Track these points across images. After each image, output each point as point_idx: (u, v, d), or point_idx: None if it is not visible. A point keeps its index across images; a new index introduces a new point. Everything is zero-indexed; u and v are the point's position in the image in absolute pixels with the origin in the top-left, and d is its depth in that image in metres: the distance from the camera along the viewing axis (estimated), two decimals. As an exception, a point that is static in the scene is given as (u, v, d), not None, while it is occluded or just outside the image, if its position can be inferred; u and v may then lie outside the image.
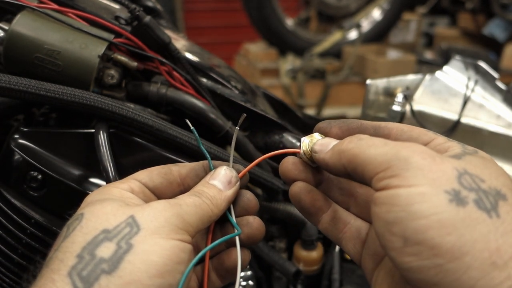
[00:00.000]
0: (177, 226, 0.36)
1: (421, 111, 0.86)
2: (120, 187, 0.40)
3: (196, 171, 0.45)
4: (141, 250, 0.33)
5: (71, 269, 0.31)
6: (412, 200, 0.30)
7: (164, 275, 0.33)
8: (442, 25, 4.36)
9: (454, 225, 0.29)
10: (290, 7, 3.70)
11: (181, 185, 0.44)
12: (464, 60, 0.90)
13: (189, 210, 0.38)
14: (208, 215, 0.40)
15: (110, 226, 0.34)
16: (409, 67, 2.90)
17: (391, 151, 0.33)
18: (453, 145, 0.36)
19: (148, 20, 0.58)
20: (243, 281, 0.67)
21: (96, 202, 0.37)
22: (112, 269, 0.31)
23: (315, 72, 2.98)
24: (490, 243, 0.29)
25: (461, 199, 0.30)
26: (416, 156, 0.32)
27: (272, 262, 0.68)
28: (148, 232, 0.34)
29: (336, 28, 3.37)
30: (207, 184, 0.43)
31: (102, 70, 0.57)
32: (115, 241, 0.33)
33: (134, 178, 0.42)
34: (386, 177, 0.33)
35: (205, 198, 0.40)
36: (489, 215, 0.30)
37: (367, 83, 0.84)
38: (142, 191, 0.41)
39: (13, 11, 0.56)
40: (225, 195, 0.42)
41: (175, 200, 0.38)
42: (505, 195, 0.31)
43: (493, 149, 0.80)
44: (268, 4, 3.00)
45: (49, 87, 0.50)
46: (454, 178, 0.31)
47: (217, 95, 0.67)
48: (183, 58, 0.63)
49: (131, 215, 0.35)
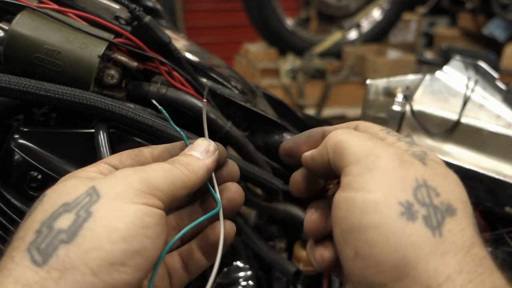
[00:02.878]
0: (141, 190, 0.34)
1: (421, 111, 0.86)
2: (87, 169, 0.38)
3: (170, 152, 0.43)
4: (101, 216, 0.31)
5: (30, 245, 0.30)
6: (366, 209, 0.31)
7: (128, 240, 0.31)
8: (442, 25, 4.36)
9: (399, 242, 0.30)
10: (290, 7, 3.69)
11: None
12: (464, 60, 0.90)
13: (156, 174, 0.35)
14: (181, 180, 0.37)
15: (70, 199, 0.32)
16: (409, 67, 2.90)
17: (369, 145, 0.34)
18: (401, 146, 0.36)
19: (148, 20, 0.58)
20: (243, 281, 0.67)
21: (60, 182, 0.36)
22: (71, 238, 0.30)
23: (315, 72, 2.97)
24: (429, 264, 0.29)
25: (412, 213, 0.30)
26: (387, 157, 0.33)
27: (272, 262, 0.68)
28: (109, 199, 0.32)
29: (336, 28, 3.37)
30: (183, 154, 0.41)
31: (102, 70, 0.57)
32: (74, 212, 0.31)
33: (103, 161, 0.40)
34: (351, 173, 0.33)
35: (178, 164, 0.38)
36: (433, 234, 0.30)
37: (367, 83, 0.84)
38: (110, 172, 0.39)
39: (13, 11, 0.56)
40: (204, 162, 0.40)
41: (141, 167, 0.36)
42: (455, 210, 0.32)
43: (493, 149, 0.80)
44: (268, 4, 2.99)
45: (49, 87, 0.50)
46: (411, 189, 0.32)
47: (217, 95, 0.67)
48: (183, 58, 0.63)
49: (92, 186, 0.33)
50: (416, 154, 0.35)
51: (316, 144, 0.41)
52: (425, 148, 0.37)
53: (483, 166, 0.79)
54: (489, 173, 0.71)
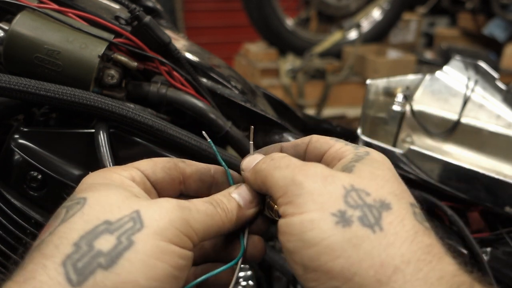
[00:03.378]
0: (182, 231, 0.34)
1: (421, 111, 0.86)
2: (121, 173, 0.37)
3: (201, 175, 0.43)
4: (141, 250, 0.31)
5: (66, 258, 0.29)
6: (304, 228, 0.32)
7: (161, 279, 0.31)
8: (442, 25, 4.36)
9: (341, 247, 0.31)
10: (290, 7, 3.69)
11: (182, 184, 0.42)
12: (464, 60, 0.90)
13: (198, 217, 0.35)
14: (217, 226, 0.37)
15: (113, 218, 0.32)
16: (409, 67, 2.90)
17: (290, 175, 0.35)
18: (347, 150, 0.39)
19: (148, 20, 0.58)
20: (243, 281, 0.67)
21: (100, 188, 0.35)
22: (110, 264, 0.29)
23: (315, 72, 2.97)
24: (374, 260, 0.30)
25: (346, 219, 0.32)
26: (309, 180, 0.34)
27: (272, 262, 0.68)
28: (151, 232, 0.32)
29: (336, 28, 3.37)
30: (228, 195, 0.40)
31: (102, 70, 0.57)
32: (116, 235, 0.31)
33: (136, 167, 0.39)
34: (284, 203, 0.35)
35: (220, 210, 0.38)
36: (373, 231, 0.31)
37: (367, 83, 0.84)
38: (143, 182, 0.39)
39: (13, 11, 0.56)
40: (244, 214, 0.40)
41: (186, 203, 0.36)
42: (389, 204, 0.33)
43: (493, 149, 0.80)
44: (268, 4, 2.99)
45: (49, 87, 0.50)
46: (341, 198, 0.33)
47: (217, 95, 0.67)
48: (183, 58, 0.63)
49: (136, 209, 0.33)
50: (359, 155, 0.37)
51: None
52: (369, 149, 0.38)
53: (483, 166, 0.79)
54: (489, 173, 0.71)
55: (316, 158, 0.41)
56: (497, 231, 0.73)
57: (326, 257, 0.31)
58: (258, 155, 0.42)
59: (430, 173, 0.76)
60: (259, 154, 0.43)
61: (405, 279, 0.29)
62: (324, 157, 0.41)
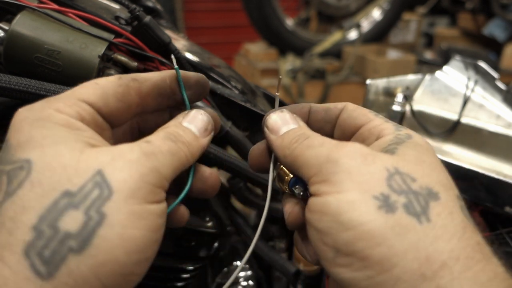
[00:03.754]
0: (154, 185, 0.30)
1: (421, 111, 0.86)
2: (65, 111, 0.30)
3: (159, 89, 0.38)
4: (116, 222, 0.27)
5: (28, 247, 0.25)
6: (341, 209, 0.29)
7: (143, 249, 0.28)
8: (442, 25, 4.36)
9: (383, 235, 0.28)
10: (290, 7, 3.69)
11: (139, 106, 0.37)
12: (464, 60, 0.90)
13: (166, 161, 0.31)
14: (182, 164, 0.33)
15: (73, 186, 0.27)
16: (409, 67, 2.90)
17: (324, 152, 0.32)
18: (388, 128, 0.35)
19: (148, 20, 0.58)
20: (243, 281, 0.67)
21: (44, 142, 0.28)
22: (82, 246, 0.25)
23: (315, 72, 2.98)
24: (420, 252, 0.27)
25: (390, 204, 0.29)
26: (346, 157, 0.31)
27: (272, 262, 0.68)
28: (123, 196, 0.27)
29: (336, 28, 3.37)
30: (182, 126, 0.36)
31: (102, 70, 0.57)
32: (83, 209, 0.26)
33: (83, 99, 0.32)
34: (318, 182, 0.32)
35: (181, 144, 0.34)
36: (419, 221, 0.28)
37: (367, 83, 0.84)
38: (93, 120, 0.32)
39: (13, 11, 0.56)
40: (201, 144, 0.36)
41: (148, 146, 0.31)
42: (437, 194, 0.30)
43: (493, 149, 0.80)
44: (268, 4, 2.99)
45: (49, 87, 0.50)
46: (383, 180, 0.30)
47: (217, 95, 0.67)
48: (183, 58, 0.63)
49: (98, 169, 0.28)
50: (400, 137, 0.34)
51: (301, 117, 0.39)
52: (411, 131, 0.35)
53: (483, 166, 0.79)
54: (489, 173, 0.71)
55: (349, 128, 0.38)
56: (497, 231, 0.73)
57: (365, 243, 0.28)
58: (287, 115, 0.38)
59: (430, 173, 0.76)
60: (287, 112, 0.39)
61: (452, 276, 0.27)
62: (360, 131, 0.37)
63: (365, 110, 0.38)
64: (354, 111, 0.38)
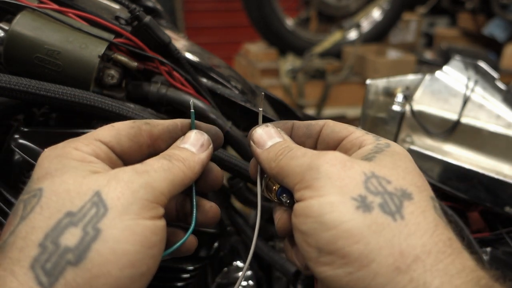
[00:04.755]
0: (147, 200, 0.31)
1: (421, 111, 0.86)
2: (82, 149, 0.34)
3: (170, 133, 0.41)
4: (110, 237, 0.29)
5: (34, 261, 0.28)
6: (322, 211, 0.31)
7: (135, 264, 0.29)
8: (442, 25, 4.36)
9: (361, 233, 0.30)
10: (290, 7, 3.69)
11: (151, 147, 0.40)
12: (464, 60, 0.90)
13: (158, 176, 0.33)
14: (180, 178, 0.36)
15: (74, 207, 0.30)
16: (409, 67, 2.90)
17: (306, 161, 0.35)
18: (368, 139, 0.38)
19: (148, 20, 0.58)
20: (243, 280, 0.67)
21: (55, 174, 0.32)
22: (78, 260, 0.28)
23: (315, 72, 2.97)
24: (394, 248, 0.29)
25: (367, 204, 0.31)
26: (326, 164, 0.33)
27: (272, 262, 0.68)
28: (116, 213, 0.30)
29: (336, 28, 3.37)
30: (178, 147, 0.39)
31: (102, 70, 0.57)
32: (81, 226, 0.29)
33: (99, 139, 0.36)
34: (301, 188, 0.34)
35: (176, 161, 0.36)
36: (393, 219, 0.31)
37: (367, 83, 0.84)
38: (108, 157, 0.36)
39: (13, 11, 0.56)
40: (199, 158, 0.39)
41: (141, 166, 0.34)
42: (411, 194, 0.32)
43: (493, 149, 0.80)
44: (268, 4, 2.99)
45: (49, 87, 0.50)
46: (361, 183, 0.32)
47: (217, 95, 0.67)
48: (183, 58, 0.63)
49: (96, 191, 0.30)
50: (379, 146, 0.36)
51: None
52: (390, 141, 0.37)
53: (483, 166, 0.79)
54: (489, 173, 0.71)
55: (332, 142, 0.41)
56: (497, 231, 0.73)
57: (344, 241, 0.30)
58: (272, 129, 0.41)
59: (430, 173, 0.76)
60: (272, 126, 0.41)
61: (425, 269, 0.29)
62: (342, 143, 0.40)
63: (345, 124, 0.41)
64: (335, 126, 0.41)
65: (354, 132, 0.39)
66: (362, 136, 0.39)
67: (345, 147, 0.39)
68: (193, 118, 0.42)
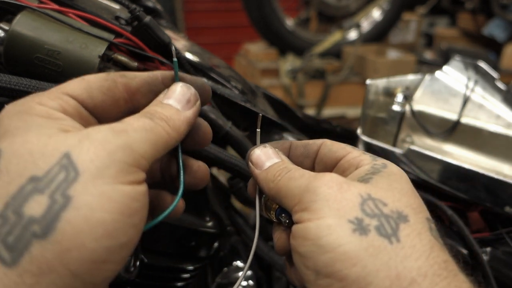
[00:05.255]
0: (126, 163, 0.28)
1: (421, 111, 0.86)
2: (47, 104, 0.30)
3: (150, 85, 0.37)
4: (82, 204, 0.25)
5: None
6: (320, 233, 0.31)
7: (113, 234, 0.26)
8: (442, 25, 4.36)
9: (358, 256, 0.30)
10: (290, 7, 3.69)
11: (129, 102, 0.36)
12: (464, 60, 0.90)
13: (138, 136, 0.30)
14: (163, 140, 0.32)
15: (39, 171, 0.26)
16: (409, 67, 2.90)
17: (304, 183, 0.35)
18: (365, 159, 0.38)
19: (148, 20, 0.58)
20: (243, 280, 0.67)
21: (16, 132, 0.28)
22: (46, 232, 0.24)
23: (315, 72, 2.98)
24: (391, 271, 0.29)
25: (363, 227, 0.31)
26: (324, 186, 0.33)
27: (272, 262, 0.68)
28: (89, 177, 0.26)
29: (336, 28, 3.37)
30: (161, 103, 0.35)
31: (102, 70, 0.57)
32: (48, 193, 0.25)
33: (67, 92, 0.32)
34: (299, 210, 0.34)
35: (159, 120, 0.33)
36: (389, 241, 0.31)
37: (367, 83, 0.84)
38: (78, 112, 0.32)
39: (13, 11, 0.56)
40: (185, 116, 0.35)
41: (119, 125, 0.30)
42: (406, 216, 0.32)
43: (493, 149, 0.80)
44: (268, 4, 2.99)
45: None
46: (357, 205, 0.32)
47: (217, 95, 0.67)
48: (183, 58, 0.63)
49: (65, 152, 0.27)
50: (376, 167, 0.36)
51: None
52: (387, 162, 0.37)
53: (483, 166, 0.79)
54: (489, 173, 0.71)
55: (330, 161, 0.41)
56: (497, 231, 0.73)
57: (342, 264, 0.30)
58: (269, 150, 0.41)
59: (430, 173, 0.76)
60: (270, 147, 0.42)
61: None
62: (339, 163, 0.40)
63: (343, 144, 0.41)
64: (333, 146, 0.41)
65: (351, 152, 0.39)
66: (359, 156, 0.39)
67: (342, 167, 0.39)
68: (177, 68, 0.38)
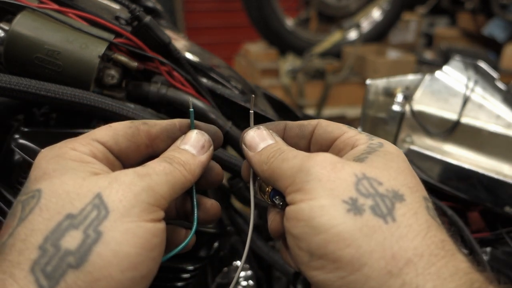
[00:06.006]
0: (149, 203, 0.32)
1: (421, 111, 0.86)
2: (79, 150, 0.34)
3: (168, 132, 0.40)
4: (111, 239, 0.29)
5: (34, 264, 0.28)
6: (313, 214, 0.31)
7: (137, 267, 0.30)
8: (442, 25, 4.36)
9: (352, 236, 0.29)
10: (290, 7, 3.69)
11: (149, 147, 0.40)
12: (464, 60, 0.90)
13: (159, 179, 0.34)
14: (181, 182, 0.36)
15: (74, 209, 0.30)
16: (409, 67, 2.90)
17: (297, 163, 0.34)
18: (361, 138, 0.37)
19: (148, 20, 0.58)
20: (243, 281, 0.67)
21: (54, 174, 0.32)
22: (80, 263, 0.28)
23: (315, 72, 2.97)
24: (386, 251, 0.29)
25: (358, 207, 0.31)
26: (317, 166, 0.33)
27: (272, 262, 0.68)
28: (118, 216, 0.30)
29: (336, 28, 3.37)
30: (178, 149, 0.39)
31: (102, 70, 0.57)
32: (82, 229, 0.29)
33: (96, 139, 0.36)
34: (292, 191, 0.34)
35: (177, 164, 0.36)
36: (385, 221, 0.30)
37: (367, 83, 0.84)
38: (105, 157, 0.36)
39: (13, 11, 0.56)
40: (199, 160, 0.39)
41: (143, 169, 0.34)
42: (402, 196, 0.32)
43: (492, 149, 0.80)
44: (268, 4, 2.99)
45: (49, 87, 0.50)
46: (352, 185, 0.32)
47: (217, 95, 0.67)
48: (183, 58, 0.63)
49: (97, 193, 0.31)
50: (372, 146, 0.36)
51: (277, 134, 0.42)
52: (383, 140, 0.37)
53: (483, 166, 0.79)
54: (489, 173, 0.71)
55: (325, 142, 0.40)
56: (497, 231, 0.73)
57: (335, 245, 0.30)
58: (264, 131, 0.41)
59: (430, 173, 0.76)
60: (264, 128, 0.41)
61: (417, 272, 0.28)
62: (335, 143, 0.39)
63: (339, 124, 0.40)
64: (328, 126, 0.40)
65: (347, 131, 0.39)
66: (355, 135, 0.38)
67: (338, 147, 0.39)
68: (193, 117, 0.42)
